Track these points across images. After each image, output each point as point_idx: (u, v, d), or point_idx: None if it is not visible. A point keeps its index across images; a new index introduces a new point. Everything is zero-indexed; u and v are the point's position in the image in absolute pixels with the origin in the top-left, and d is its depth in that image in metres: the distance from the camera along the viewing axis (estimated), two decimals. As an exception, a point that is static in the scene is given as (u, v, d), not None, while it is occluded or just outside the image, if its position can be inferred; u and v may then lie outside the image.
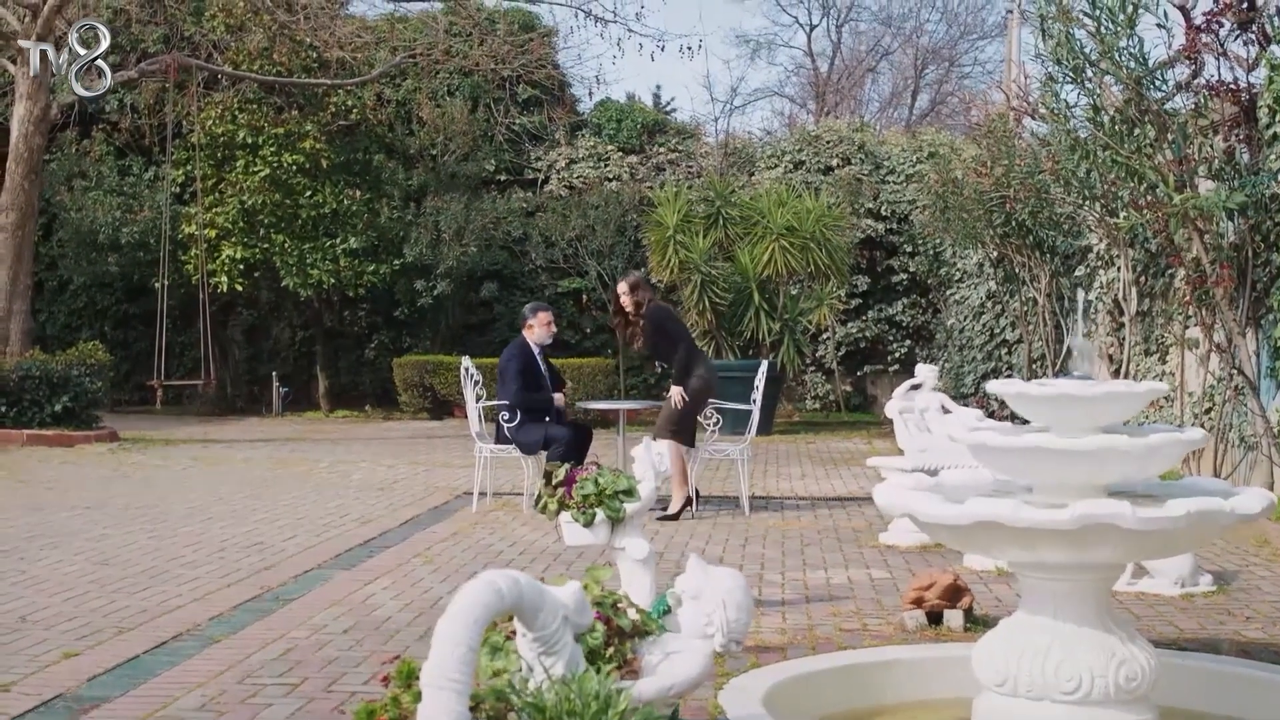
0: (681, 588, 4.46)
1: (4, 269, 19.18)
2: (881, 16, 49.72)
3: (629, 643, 4.32)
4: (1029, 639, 5.59)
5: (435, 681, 3.08)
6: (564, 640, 3.60)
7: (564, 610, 3.62)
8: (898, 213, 24.58)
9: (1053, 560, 5.47)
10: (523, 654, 3.65)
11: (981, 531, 5.41)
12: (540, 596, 3.50)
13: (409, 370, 23.11)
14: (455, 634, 3.14)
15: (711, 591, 4.42)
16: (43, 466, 15.74)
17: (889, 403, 10.79)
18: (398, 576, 9.00)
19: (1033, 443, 5.53)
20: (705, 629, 4.44)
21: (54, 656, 6.88)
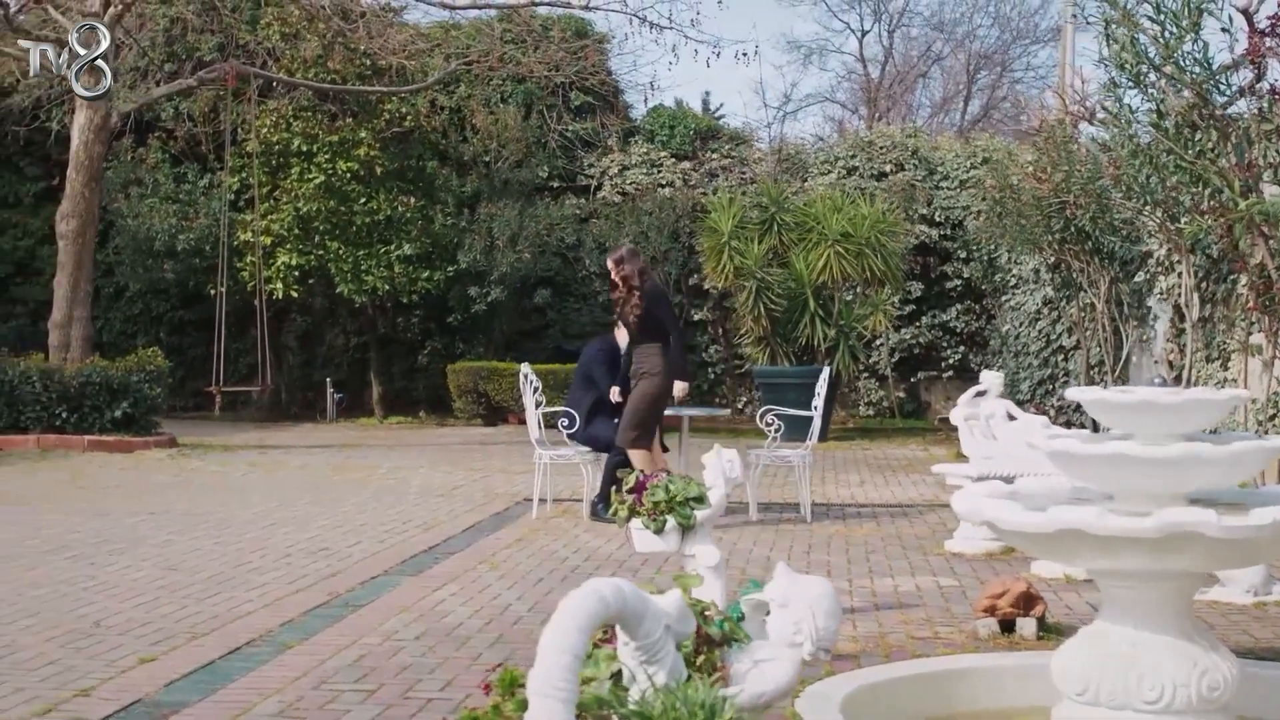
0: (769, 595, 4.45)
1: (65, 276, 19.32)
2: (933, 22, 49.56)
3: (718, 651, 4.31)
4: (1110, 648, 5.55)
5: (542, 690, 3.08)
6: (667, 649, 3.59)
7: (666, 619, 3.62)
8: (951, 218, 24.49)
9: (1135, 568, 5.44)
10: (625, 662, 3.65)
11: (1064, 539, 5.38)
12: (644, 605, 3.50)
13: (463, 377, 23.16)
14: (561, 642, 3.14)
15: (800, 599, 4.41)
16: (104, 472, 15.85)
17: (953, 409, 10.75)
18: (465, 583, 9.02)
19: (1116, 450, 5.49)
20: (794, 637, 4.43)
21: (130, 662, 6.92)
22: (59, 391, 18.31)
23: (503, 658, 6.95)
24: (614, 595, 3.35)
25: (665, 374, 11.70)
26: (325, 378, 25.43)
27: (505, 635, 7.47)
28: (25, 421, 18.35)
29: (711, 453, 7.71)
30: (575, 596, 3.29)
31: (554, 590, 8.74)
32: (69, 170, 19.60)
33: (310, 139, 23.20)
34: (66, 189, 19.58)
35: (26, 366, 18.47)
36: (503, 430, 22.19)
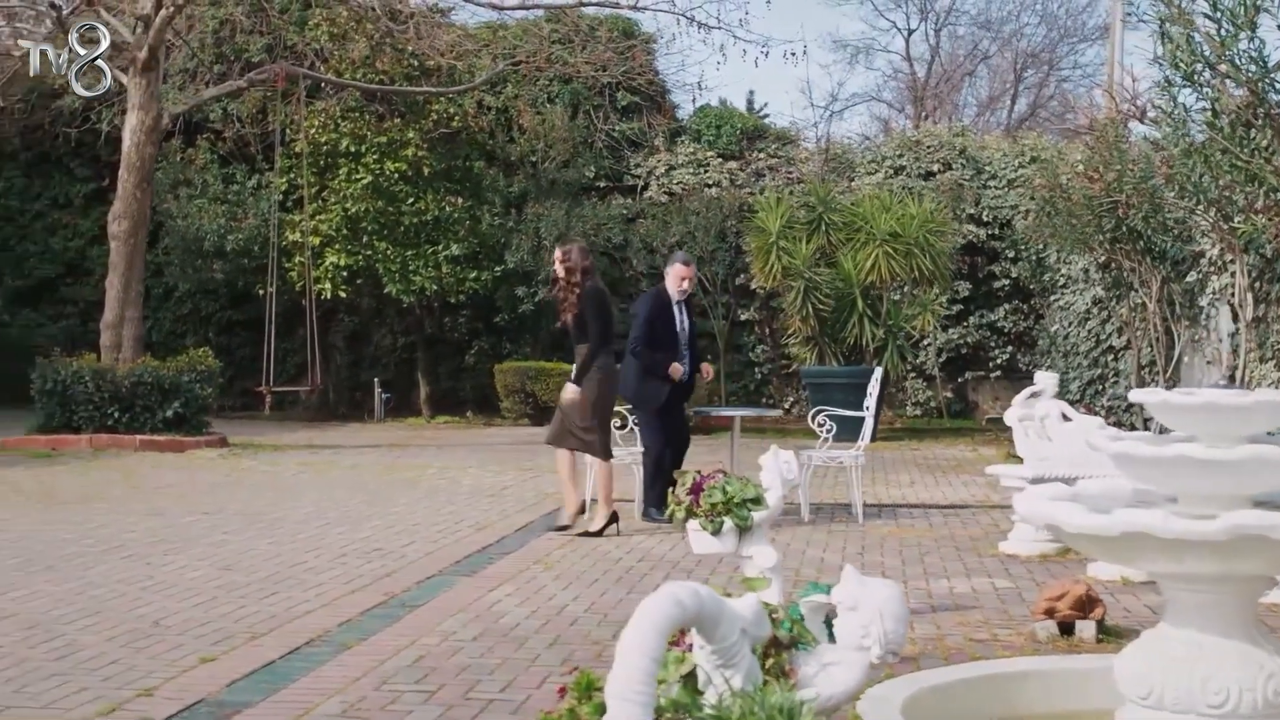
0: (837, 598, 4.45)
1: (117, 276, 19.43)
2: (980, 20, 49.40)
3: (786, 654, 4.31)
4: (1174, 651, 5.52)
5: (622, 693, 3.08)
6: (743, 653, 3.60)
7: (742, 623, 3.62)
8: (999, 218, 24.40)
9: (1200, 572, 5.40)
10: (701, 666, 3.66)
11: (1129, 543, 5.34)
12: (720, 609, 3.51)
13: (510, 377, 23.20)
14: (639, 646, 3.14)
15: (868, 602, 4.40)
16: (156, 472, 15.94)
17: (1007, 410, 10.70)
18: (520, 583, 9.04)
19: (1180, 453, 5.45)
20: (862, 640, 4.42)
21: (191, 661, 6.96)
22: (111, 391, 18.44)
23: (561, 659, 6.96)
24: (691, 599, 3.35)
25: (601, 382, 11.45)
26: (373, 378, 25.53)
27: (562, 636, 7.48)
28: (78, 421, 18.49)
29: (768, 454, 7.69)
30: (653, 600, 3.29)
31: (609, 591, 8.76)
32: (120, 171, 19.72)
33: (358, 139, 23.29)
34: (118, 190, 19.70)
35: (79, 367, 18.60)
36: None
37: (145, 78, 19.31)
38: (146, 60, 19.26)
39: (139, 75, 19.31)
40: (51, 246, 27.45)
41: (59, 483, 14.78)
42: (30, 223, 27.66)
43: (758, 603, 3.80)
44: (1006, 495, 12.75)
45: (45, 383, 18.58)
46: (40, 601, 8.40)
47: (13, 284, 27.48)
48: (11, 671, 6.75)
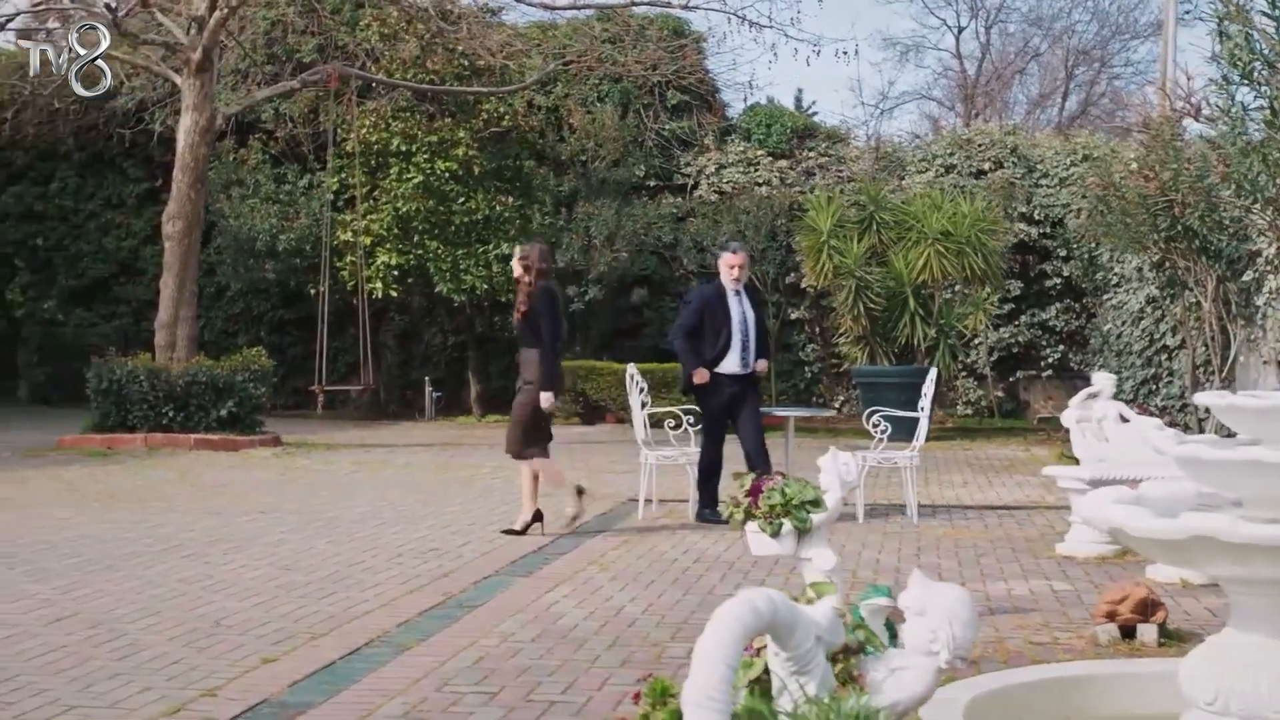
0: (905, 603, 4.43)
1: (171, 276, 19.55)
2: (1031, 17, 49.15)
3: (854, 658, 4.30)
4: (1241, 656, 5.48)
5: (697, 700, 3.09)
6: (817, 659, 3.60)
7: (817, 629, 3.62)
8: (1051, 217, 24.29)
9: (1267, 576, 5.36)
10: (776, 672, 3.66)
11: (1195, 546, 5.31)
12: (795, 615, 3.51)
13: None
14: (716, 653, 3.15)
15: (937, 607, 4.38)
16: (211, 471, 16.04)
17: (1065, 411, 10.65)
18: (577, 584, 9.05)
19: (1248, 457, 5.42)
20: (930, 645, 4.40)
21: (253, 662, 7.00)
22: (165, 391, 18.56)
23: (620, 661, 6.98)
24: (767, 606, 3.35)
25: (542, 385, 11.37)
26: (423, 376, 25.61)
27: (621, 638, 7.48)
28: (133, 420, 18.61)
29: (827, 456, 7.68)
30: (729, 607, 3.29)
31: (665, 592, 8.76)
32: (175, 172, 19.83)
33: (409, 139, 23.36)
34: (172, 191, 19.81)
35: (134, 366, 18.72)
36: (601, 429, 22.24)
37: (199, 79, 19.42)
38: (200, 61, 19.37)
39: (193, 76, 19.42)
40: (105, 246, 27.64)
41: (116, 482, 14.88)
42: (84, 223, 27.86)
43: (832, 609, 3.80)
44: (1062, 496, 12.72)
45: (101, 382, 18.71)
46: (102, 601, 8.46)
47: (67, 283, 27.68)
48: (76, 671, 6.80)
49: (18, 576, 9.24)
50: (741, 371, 12.08)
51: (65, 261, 27.79)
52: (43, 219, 27.87)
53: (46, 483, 14.78)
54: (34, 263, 27.95)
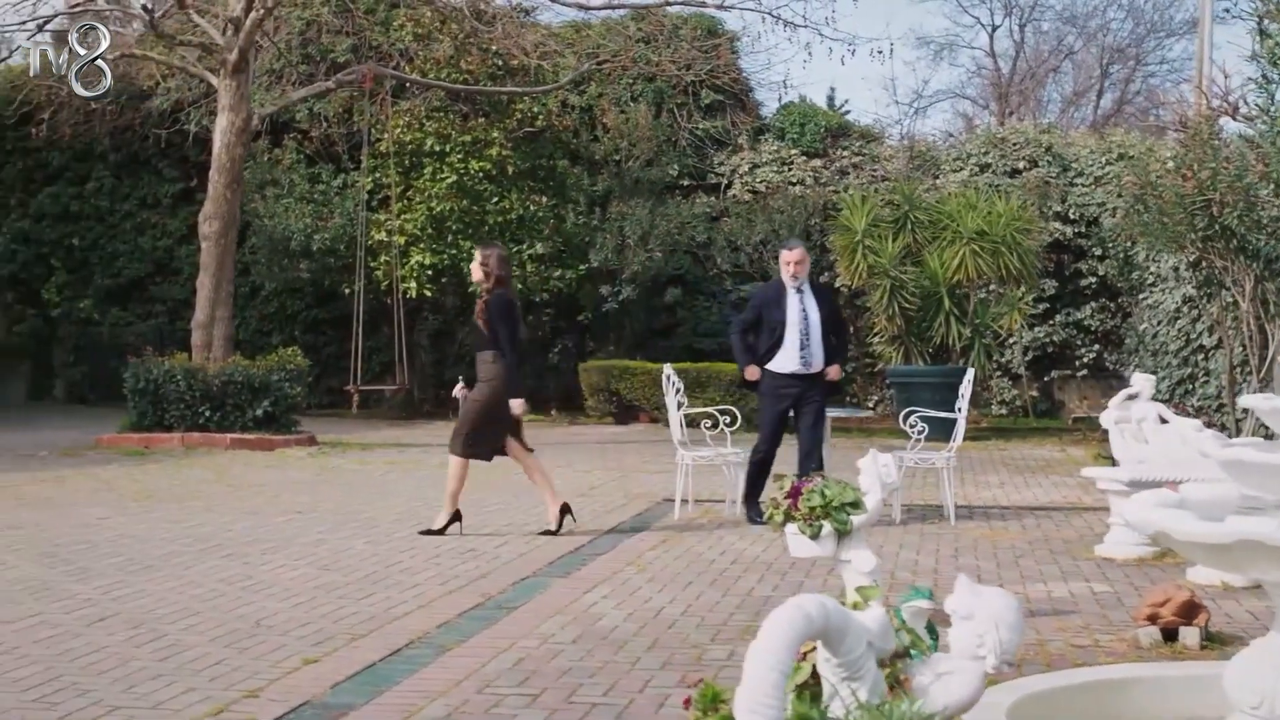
0: (951, 607, 4.43)
1: (207, 276, 19.61)
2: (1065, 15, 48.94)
3: (900, 662, 4.30)
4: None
5: (750, 706, 3.09)
6: (868, 665, 3.60)
7: (868, 635, 3.62)
8: (1086, 216, 24.21)
9: (1314, 580, 5.35)
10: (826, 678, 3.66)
11: (1241, 551, 5.29)
12: (846, 621, 3.50)
13: (595, 375, 23.25)
14: (768, 659, 3.15)
15: (983, 612, 4.38)
16: (248, 470, 16.09)
17: (1104, 412, 10.60)
18: (615, 585, 9.06)
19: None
20: (977, 650, 4.40)
21: (294, 663, 7.02)
22: (202, 390, 18.63)
23: (661, 663, 6.98)
24: (819, 612, 3.35)
25: (498, 386, 11.38)
26: (457, 376, 25.55)
27: (661, 640, 7.49)
28: (170, 420, 18.70)
29: (867, 457, 7.66)
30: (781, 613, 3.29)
31: (704, 593, 8.76)
32: (211, 173, 19.89)
33: (443, 139, 23.41)
34: (209, 191, 19.88)
35: (171, 366, 18.81)
36: (634, 429, 22.25)
37: (235, 79, 19.48)
38: (236, 62, 19.43)
39: (229, 77, 19.49)
40: (140, 246, 27.75)
41: (153, 481, 14.95)
42: (120, 222, 27.98)
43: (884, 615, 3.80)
44: (1099, 497, 12.68)
45: (138, 381, 18.79)
46: (143, 601, 8.50)
47: (103, 283, 27.80)
48: (119, 671, 6.83)
49: (59, 576, 9.29)
50: (801, 371, 11.85)
51: (101, 261, 27.91)
52: (79, 219, 28.00)
53: (85, 482, 14.86)
54: (70, 262, 28.08)
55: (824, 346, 11.94)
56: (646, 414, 22.89)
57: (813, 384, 11.92)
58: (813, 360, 11.88)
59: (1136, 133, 27.56)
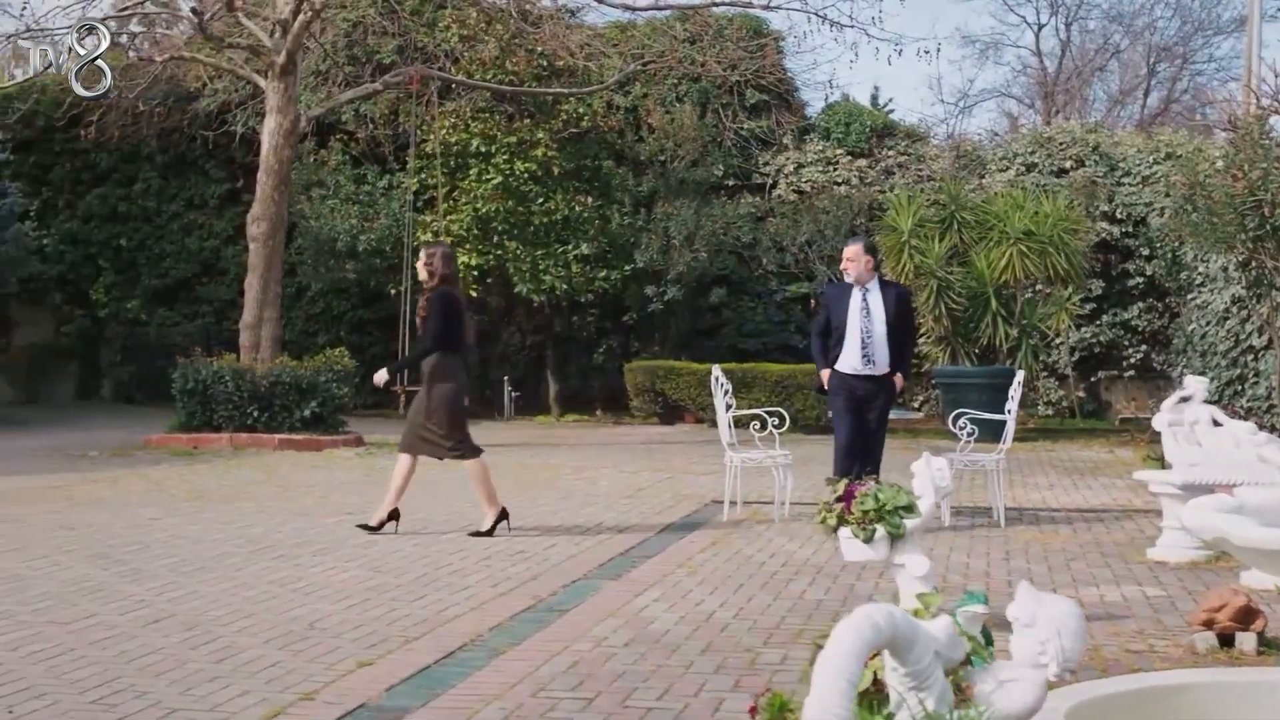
0: (1013, 614, 4.41)
1: (255, 277, 19.71)
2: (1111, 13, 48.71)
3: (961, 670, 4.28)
4: (1348, 667, 5.43)
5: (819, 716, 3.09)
6: (935, 675, 3.59)
7: (936, 645, 3.61)
8: (1133, 215, 24.10)
9: (1375, 587, 5.31)
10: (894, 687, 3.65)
11: (1303, 556, 5.27)
12: (914, 631, 3.50)
13: (640, 375, 23.27)
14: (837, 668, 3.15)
15: (1045, 619, 4.35)
16: (296, 470, 16.17)
17: (1157, 415, 10.54)
18: (666, 588, 9.05)
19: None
20: (1039, 658, 4.37)
21: (349, 665, 7.04)
22: (250, 391, 18.73)
23: (715, 667, 6.97)
24: (887, 621, 3.35)
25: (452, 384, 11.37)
26: (502, 376, 25.70)
27: (714, 643, 7.48)
28: (218, 420, 18.81)
29: (920, 461, 7.65)
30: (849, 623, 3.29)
31: (755, 596, 8.75)
32: (259, 174, 19.99)
33: (488, 140, 23.48)
34: (257, 193, 19.97)
35: (219, 367, 18.92)
36: (680, 429, 22.26)
37: (283, 82, 19.57)
38: (284, 64, 19.53)
39: (277, 79, 19.58)
40: (187, 247, 27.91)
41: (203, 481, 15.04)
42: (167, 223, 28.15)
43: (951, 625, 3.79)
44: (1149, 500, 12.62)
45: (186, 382, 18.91)
46: (196, 602, 8.54)
47: (149, 283, 27.97)
48: (176, 673, 6.87)
49: (113, 577, 9.35)
50: (862, 370, 11.66)
51: (148, 261, 28.08)
52: (126, 220, 28.19)
53: (136, 482, 14.96)
54: (118, 263, 28.27)
55: (890, 349, 11.72)
56: (692, 414, 22.89)
57: (878, 386, 11.76)
58: (875, 359, 11.68)
59: (1184, 132, 27.41)
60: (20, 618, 8.10)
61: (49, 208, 28.34)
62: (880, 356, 11.70)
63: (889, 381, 11.83)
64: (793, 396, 21.24)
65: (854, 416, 11.77)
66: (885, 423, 11.84)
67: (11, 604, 8.48)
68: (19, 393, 28.58)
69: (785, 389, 21.38)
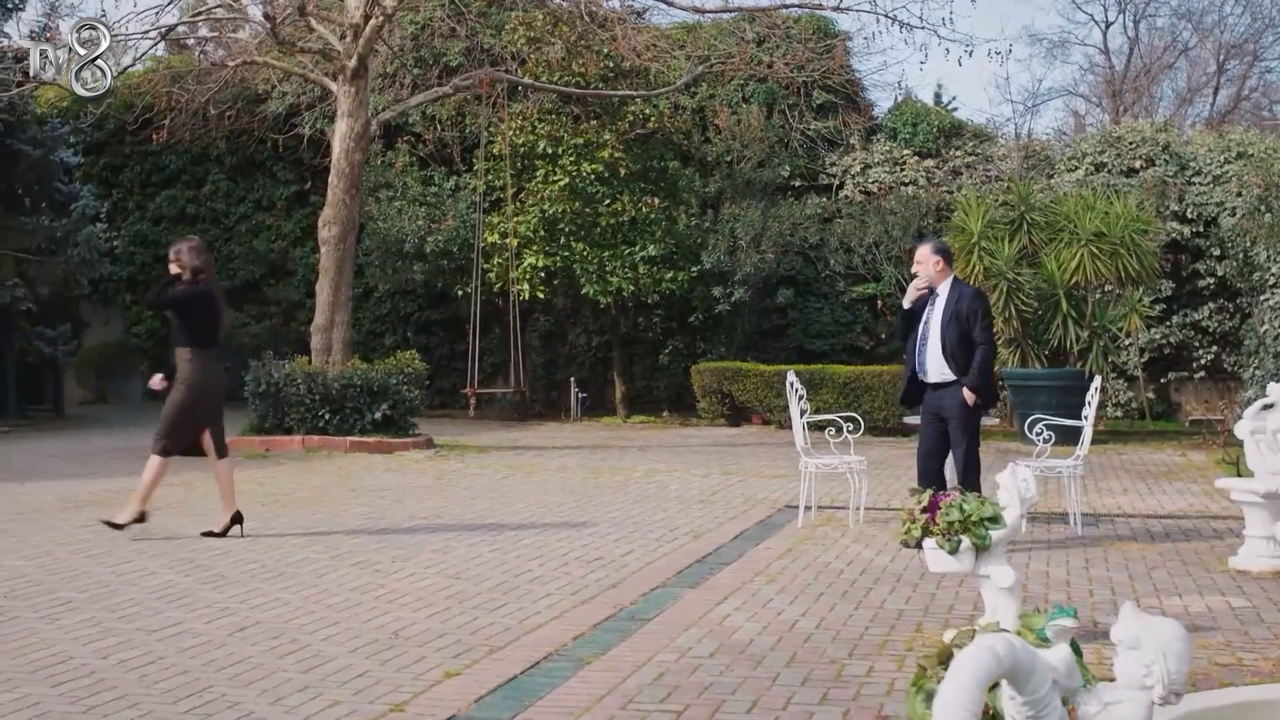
0: (1117, 636, 4.38)
1: (327, 281, 19.80)
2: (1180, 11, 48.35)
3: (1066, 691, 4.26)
4: None
5: (942, 748, 3.09)
6: (1053, 704, 3.58)
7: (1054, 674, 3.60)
8: (1204, 215, 23.89)
9: None
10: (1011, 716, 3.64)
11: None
12: (1033, 660, 3.49)
13: (707, 377, 23.26)
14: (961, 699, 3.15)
15: (1151, 641, 4.33)
16: (368, 473, 16.25)
17: (1239, 423, 10.44)
18: (746, 596, 9.05)
19: None
20: (1144, 680, 4.34)
21: (436, 675, 7.07)
22: (322, 394, 18.84)
23: (801, 679, 6.97)
24: (1006, 651, 3.34)
25: (194, 386, 11.30)
26: (568, 376, 25.77)
27: (799, 655, 7.47)
28: (290, 423, 18.93)
29: (1006, 472, 7.62)
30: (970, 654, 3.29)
31: (836, 606, 8.74)
32: (330, 177, 20.09)
33: (555, 141, 23.53)
34: (328, 196, 20.07)
35: (291, 370, 19.04)
36: (747, 431, 22.26)
37: (354, 85, 19.66)
38: (356, 68, 19.63)
39: (348, 83, 19.67)
40: (255, 248, 28.14)
41: (278, 485, 15.14)
42: (235, 225, 28.39)
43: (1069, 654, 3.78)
44: (1226, 506, 12.55)
45: (259, 385, 19.03)
46: (280, 610, 8.60)
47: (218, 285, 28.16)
48: (265, 683, 6.92)
49: (196, 584, 9.43)
50: (921, 377, 11.07)
51: (217, 263, 28.19)
52: (195, 221, 28.45)
53: (211, 486, 14.95)
54: (187, 264, 28.46)
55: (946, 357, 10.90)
56: (759, 415, 22.89)
57: (940, 396, 10.99)
58: (926, 367, 11.01)
59: (1255, 131, 27.15)
60: (108, 625, 8.18)
61: (119, 209, 28.65)
62: (931, 364, 10.98)
63: (956, 391, 10.91)
64: (861, 398, 21.20)
65: (926, 425, 11.18)
66: (965, 433, 10.88)
67: (99, 610, 8.58)
68: (89, 393, 28.88)
69: (854, 390, 21.33)
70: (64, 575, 9.79)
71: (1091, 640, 7.46)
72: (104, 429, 22.96)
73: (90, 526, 12.01)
